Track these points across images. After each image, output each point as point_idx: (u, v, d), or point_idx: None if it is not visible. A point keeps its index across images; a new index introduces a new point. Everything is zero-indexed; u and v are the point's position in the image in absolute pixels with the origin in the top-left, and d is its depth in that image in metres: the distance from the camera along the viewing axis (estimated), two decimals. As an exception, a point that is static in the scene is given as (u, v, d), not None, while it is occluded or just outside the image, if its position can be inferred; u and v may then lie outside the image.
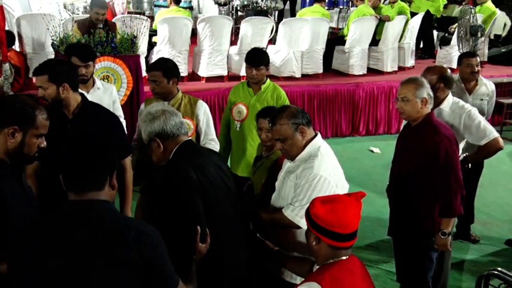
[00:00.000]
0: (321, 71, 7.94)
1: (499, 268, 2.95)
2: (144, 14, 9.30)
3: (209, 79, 7.14)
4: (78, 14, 7.90)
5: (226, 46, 7.21)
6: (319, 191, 2.47)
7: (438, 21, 10.00)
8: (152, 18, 8.13)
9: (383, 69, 8.44)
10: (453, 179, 3.00)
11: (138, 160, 3.46)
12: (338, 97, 7.50)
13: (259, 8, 9.43)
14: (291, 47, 7.43)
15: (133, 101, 5.24)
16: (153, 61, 3.68)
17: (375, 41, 8.39)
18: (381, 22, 8.29)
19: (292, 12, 12.17)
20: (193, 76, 7.35)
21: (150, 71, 3.53)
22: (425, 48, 10.60)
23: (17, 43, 6.39)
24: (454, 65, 7.54)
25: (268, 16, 8.70)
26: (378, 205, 5.18)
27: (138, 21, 5.78)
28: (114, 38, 5.09)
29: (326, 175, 2.56)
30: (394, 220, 3.36)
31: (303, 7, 11.62)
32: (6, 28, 5.62)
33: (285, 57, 7.45)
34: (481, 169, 4.52)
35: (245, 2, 9.61)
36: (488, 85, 4.50)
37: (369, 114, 7.76)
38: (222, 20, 7.16)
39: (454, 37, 8.64)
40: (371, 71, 8.39)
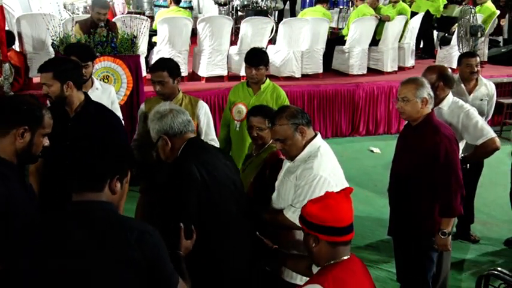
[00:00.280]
0: (321, 71, 7.93)
1: (499, 268, 2.96)
2: (144, 14, 9.32)
3: (209, 79, 7.13)
4: (78, 14, 7.90)
5: (226, 46, 7.21)
6: (319, 192, 2.47)
7: (438, 21, 9.99)
8: (152, 18, 8.13)
9: (383, 69, 8.43)
10: (453, 179, 3.01)
11: (138, 160, 3.46)
12: (338, 97, 7.49)
13: (259, 8, 9.43)
14: (291, 47, 7.43)
15: (133, 101, 5.24)
16: (154, 62, 3.61)
17: (375, 41, 8.38)
18: (381, 22, 8.29)
19: (292, 12, 12.18)
20: (193, 76, 7.35)
21: (155, 72, 3.47)
22: (425, 48, 10.59)
23: (17, 43, 6.39)
24: (454, 65, 7.53)
25: (268, 16, 8.70)
26: (378, 205, 5.18)
27: (138, 21, 5.78)
28: (114, 38, 5.09)
29: (326, 175, 2.56)
30: (394, 220, 3.37)
31: (303, 7, 11.65)
32: (6, 28, 5.62)
33: (285, 57, 7.44)
34: (481, 169, 4.52)
35: (245, 2, 9.61)
36: (488, 85, 4.50)
37: (369, 114, 7.75)
38: (222, 20, 7.16)
39: (454, 37, 8.63)
40: (371, 71, 8.38)
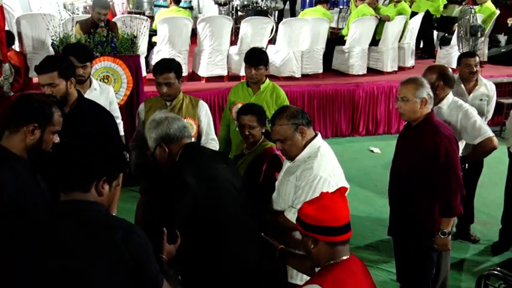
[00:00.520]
0: (321, 71, 7.93)
1: (499, 268, 2.96)
2: (144, 14, 9.30)
3: (209, 79, 7.13)
4: (78, 14, 7.89)
5: (226, 46, 7.20)
6: (319, 192, 2.46)
7: (438, 21, 9.99)
8: (152, 18, 8.13)
9: (383, 69, 8.43)
10: (453, 179, 3.01)
11: (138, 160, 3.46)
12: (338, 97, 7.49)
13: (259, 8, 9.42)
14: (291, 47, 7.43)
15: (133, 101, 5.24)
16: (158, 63, 3.53)
17: (375, 41, 8.38)
18: (381, 22, 8.29)
19: (292, 12, 12.17)
20: (193, 76, 7.34)
21: (162, 74, 3.40)
22: (425, 48, 10.59)
23: (17, 43, 6.39)
24: (454, 65, 7.52)
25: (268, 16, 8.69)
26: (378, 205, 5.18)
27: (138, 21, 5.78)
28: (114, 38, 5.09)
29: (326, 176, 2.56)
30: (394, 220, 3.37)
31: (303, 7, 11.64)
32: (6, 28, 5.62)
33: (285, 57, 7.44)
34: (481, 169, 4.51)
35: (245, 2, 9.61)
36: (488, 85, 4.49)
37: (369, 114, 7.75)
38: (222, 20, 7.16)
39: (454, 37, 8.62)
40: (371, 71, 8.38)
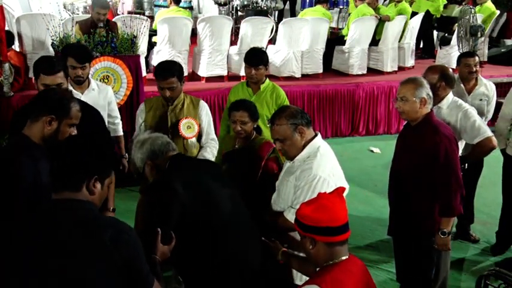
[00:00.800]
0: (321, 71, 7.93)
1: (499, 268, 2.95)
2: (144, 14, 9.31)
3: (209, 79, 7.13)
4: (78, 14, 7.89)
5: (226, 46, 7.20)
6: (318, 192, 2.47)
7: (438, 21, 10.00)
8: (152, 18, 8.13)
9: (383, 69, 8.43)
10: (453, 179, 3.01)
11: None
12: (338, 97, 7.49)
13: (259, 8, 9.42)
14: (291, 47, 7.43)
15: (133, 101, 5.24)
16: (160, 67, 3.52)
17: (375, 41, 8.38)
18: (381, 22, 8.29)
19: (292, 12, 12.16)
20: (193, 76, 7.34)
21: (165, 79, 3.40)
22: (425, 48, 10.59)
23: (17, 43, 6.39)
24: (454, 65, 7.53)
25: (268, 16, 8.69)
26: (378, 205, 5.18)
27: (138, 21, 5.77)
28: (114, 38, 5.09)
29: (325, 176, 2.56)
30: (394, 220, 3.37)
31: (303, 7, 11.64)
32: (6, 28, 5.62)
33: (285, 57, 7.44)
34: (481, 169, 4.51)
35: (245, 2, 9.60)
36: (488, 86, 4.48)
37: (369, 114, 7.74)
38: (222, 20, 7.16)
39: (454, 37, 8.62)
40: (371, 71, 8.37)
